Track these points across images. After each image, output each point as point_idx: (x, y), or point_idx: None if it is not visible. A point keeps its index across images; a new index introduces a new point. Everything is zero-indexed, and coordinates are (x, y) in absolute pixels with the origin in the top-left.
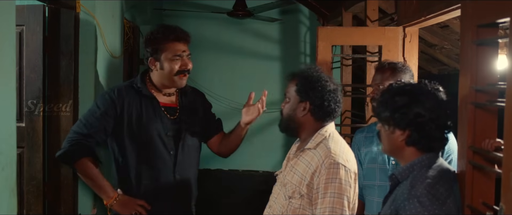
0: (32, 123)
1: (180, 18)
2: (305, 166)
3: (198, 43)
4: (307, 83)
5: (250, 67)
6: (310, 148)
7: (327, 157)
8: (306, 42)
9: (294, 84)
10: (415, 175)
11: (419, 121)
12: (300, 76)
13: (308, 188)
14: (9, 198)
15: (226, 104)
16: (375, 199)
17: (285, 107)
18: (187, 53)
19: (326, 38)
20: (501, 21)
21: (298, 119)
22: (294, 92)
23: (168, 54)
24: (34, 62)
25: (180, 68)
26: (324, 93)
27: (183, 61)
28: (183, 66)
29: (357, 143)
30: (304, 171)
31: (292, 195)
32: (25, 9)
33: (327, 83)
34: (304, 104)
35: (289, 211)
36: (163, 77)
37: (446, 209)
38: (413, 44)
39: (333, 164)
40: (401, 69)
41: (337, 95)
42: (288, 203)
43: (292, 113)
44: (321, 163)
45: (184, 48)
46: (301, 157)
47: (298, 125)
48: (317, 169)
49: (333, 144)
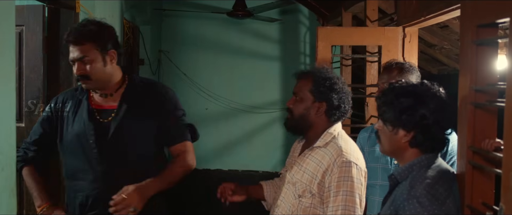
0: (32, 123)
1: (180, 18)
2: (315, 165)
3: (198, 43)
4: (325, 84)
5: (249, 67)
6: (320, 146)
7: (339, 156)
8: (305, 42)
9: (309, 83)
10: (414, 175)
11: (424, 122)
12: (316, 76)
13: (319, 186)
14: (9, 198)
15: (226, 104)
16: (377, 198)
17: (297, 106)
18: (78, 56)
19: (325, 38)
20: (501, 21)
21: (311, 119)
22: (308, 92)
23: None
24: (34, 62)
25: (76, 73)
26: (341, 94)
27: (78, 65)
28: (77, 71)
29: (361, 142)
30: (315, 170)
31: (303, 194)
32: (24, 9)
33: (342, 84)
34: (319, 104)
35: (300, 211)
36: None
37: (445, 209)
38: (412, 44)
39: (345, 163)
40: (408, 69)
41: (349, 96)
42: (299, 202)
43: (305, 112)
44: (333, 161)
45: (76, 53)
46: (310, 156)
47: (310, 124)
48: (328, 167)
49: (343, 143)
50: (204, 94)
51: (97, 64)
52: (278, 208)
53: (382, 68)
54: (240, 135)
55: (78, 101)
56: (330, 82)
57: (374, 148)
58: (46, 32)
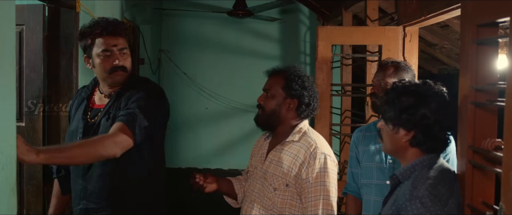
0: (32, 122)
1: (180, 17)
2: (291, 159)
3: (198, 43)
4: (297, 82)
5: (249, 66)
6: (294, 140)
7: (314, 149)
8: (306, 41)
9: (281, 80)
10: (416, 175)
11: (425, 122)
12: (289, 74)
13: (296, 179)
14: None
15: (226, 104)
16: (372, 198)
17: (269, 102)
18: (119, 47)
19: (326, 37)
20: (501, 20)
21: (282, 115)
22: (280, 88)
23: (98, 50)
24: (34, 61)
25: (113, 64)
26: (311, 92)
27: (116, 56)
28: (116, 61)
29: (355, 141)
30: (291, 163)
31: (278, 187)
32: (25, 8)
33: (312, 83)
34: (290, 101)
35: (278, 203)
36: (97, 75)
37: (448, 210)
38: (413, 43)
39: (320, 155)
40: (404, 68)
41: (317, 94)
42: (274, 195)
43: (277, 108)
44: (309, 154)
45: (115, 42)
46: (283, 150)
47: (280, 120)
48: (305, 160)
49: (315, 137)
50: (204, 94)
51: (129, 58)
52: (253, 203)
53: (378, 66)
54: (240, 135)
55: (81, 100)
56: (301, 80)
57: (369, 148)
58: (47, 32)
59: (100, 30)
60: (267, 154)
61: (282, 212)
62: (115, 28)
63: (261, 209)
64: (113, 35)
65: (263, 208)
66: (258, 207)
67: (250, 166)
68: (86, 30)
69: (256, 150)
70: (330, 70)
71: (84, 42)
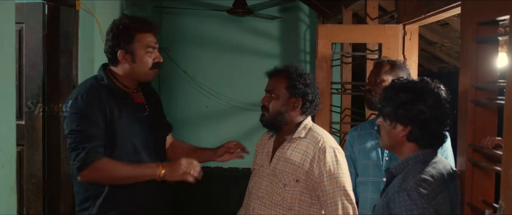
0: (32, 120)
1: (180, 15)
2: (301, 155)
3: (198, 41)
4: (300, 81)
5: (249, 65)
6: (301, 137)
7: (323, 144)
8: (306, 39)
9: (284, 81)
10: (409, 169)
11: (422, 118)
12: (291, 73)
13: (307, 174)
14: (9, 195)
15: (226, 102)
16: (369, 195)
17: (274, 103)
18: (157, 46)
19: (326, 35)
20: (501, 18)
21: (288, 115)
22: (284, 88)
23: (142, 46)
24: (34, 60)
25: (154, 60)
26: (314, 89)
27: (156, 53)
28: (157, 58)
29: (350, 140)
30: (301, 159)
31: (288, 183)
32: (24, 7)
33: (313, 79)
34: (295, 100)
35: (287, 198)
36: (135, 71)
37: (435, 204)
38: (413, 42)
39: (330, 149)
40: (399, 66)
41: (319, 90)
42: (285, 191)
43: (282, 109)
44: (318, 149)
45: (155, 40)
46: (291, 147)
47: (285, 120)
48: (315, 155)
49: (321, 132)
50: (204, 92)
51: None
52: (260, 200)
53: (373, 64)
54: (240, 133)
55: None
56: (304, 79)
57: (365, 146)
58: (46, 30)
59: (142, 26)
60: (273, 152)
61: (292, 207)
62: (155, 26)
63: (270, 205)
64: (154, 33)
65: (272, 204)
66: (266, 203)
67: (255, 164)
68: (126, 25)
69: (260, 149)
70: (330, 68)
71: (123, 37)
